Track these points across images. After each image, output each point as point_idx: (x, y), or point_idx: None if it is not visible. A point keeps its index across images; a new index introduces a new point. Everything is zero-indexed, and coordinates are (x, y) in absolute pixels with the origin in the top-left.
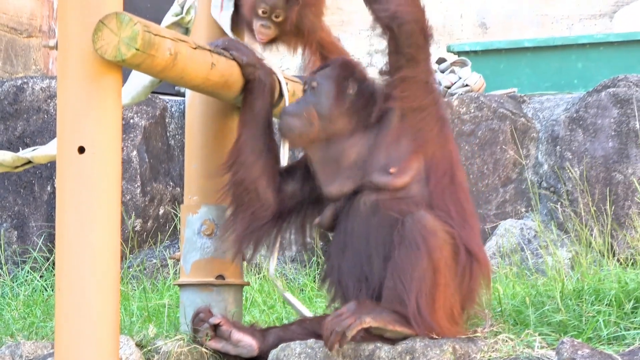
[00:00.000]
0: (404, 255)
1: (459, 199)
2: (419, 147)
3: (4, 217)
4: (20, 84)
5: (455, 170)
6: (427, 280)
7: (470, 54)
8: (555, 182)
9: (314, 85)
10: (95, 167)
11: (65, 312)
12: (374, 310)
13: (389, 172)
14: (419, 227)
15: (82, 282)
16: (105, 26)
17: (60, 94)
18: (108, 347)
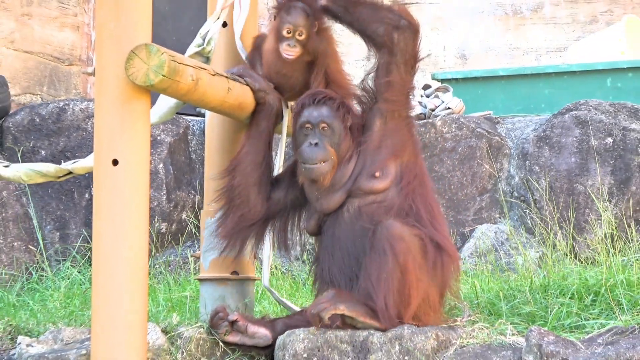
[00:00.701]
0: (374, 259)
1: (427, 201)
2: (395, 152)
3: (48, 220)
4: (63, 105)
5: (423, 175)
6: (395, 281)
7: (452, 81)
8: (525, 192)
9: (323, 127)
10: (127, 177)
11: (100, 302)
12: (350, 301)
13: (375, 176)
14: (386, 235)
15: (115, 277)
16: (136, 56)
17: (97, 114)
18: (137, 333)
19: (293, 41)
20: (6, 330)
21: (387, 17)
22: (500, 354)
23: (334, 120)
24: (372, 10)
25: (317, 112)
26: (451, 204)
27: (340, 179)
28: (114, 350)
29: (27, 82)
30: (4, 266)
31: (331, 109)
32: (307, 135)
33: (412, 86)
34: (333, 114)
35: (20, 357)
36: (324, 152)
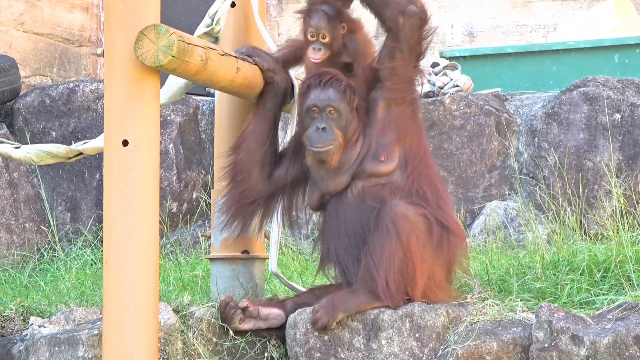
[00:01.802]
0: (377, 239)
1: (432, 182)
2: (400, 137)
3: (59, 201)
4: (73, 86)
5: (427, 156)
6: (397, 259)
7: (460, 59)
8: (534, 169)
9: (330, 110)
10: (137, 157)
11: (111, 282)
12: (346, 301)
13: (380, 160)
14: (391, 215)
15: (126, 257)
16: (145, 36)
17: (107, 95)
18: (149, 312)
19: (318, 44)
20: (18, 311)
21: (396, 1)
22: (511, 331)
23: (341, 103)
24: None
25: (323, 95)
26: (460, 181)
27: (347, 161)
28: (126, 330)
29: (37, 64)
30: (16, 247)
31: (338, 91)
32: (314, 118)
33: (417, 72)
34: (340, 96)
35: (32, 338)
36: (331, 136)
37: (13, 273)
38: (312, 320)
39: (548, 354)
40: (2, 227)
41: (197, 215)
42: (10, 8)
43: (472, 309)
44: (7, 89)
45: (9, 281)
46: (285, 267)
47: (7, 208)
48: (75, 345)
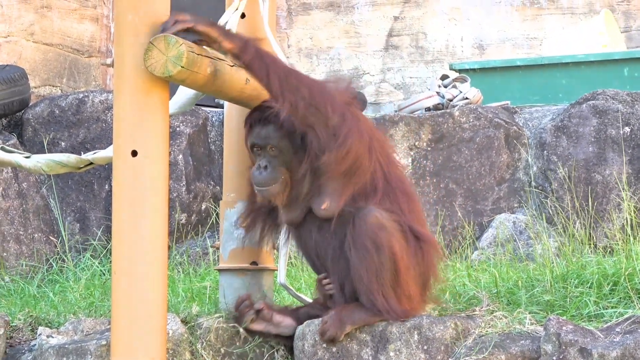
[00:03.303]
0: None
1: (395, 193)
2: (345, 183)
3: (68, 211)
4: (82, 97)
5: (386, 170)
6: (387, 274)
7: (470, 72)
8: (543, 182)
9: (271, 148)
10: (146, 168)
11: (120, 293)
12: (353, 315)
13: (322, 208)
14: (366, 228)
15: (134, 267)
16: (154, 47)
17: (116, 105)
18: (157, 323)
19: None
20: (27, 321)
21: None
22: (519, 343)
23: (281, 141)
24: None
25: (264, 132)
26: (469, 194)
27: (297, 197)
28: (134, 341)
29: (46, 74)
30: (25, 257)
31: (277, 128)
32: (258, 155)
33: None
34: (280, 133)
35: (40, 348)
36: (273, 175)
37: (22, 283)
38: (320, 331)
39: None
40: (11, 237)
41: (206, 227)
42: (20, 18)
43: (480, 321)
44: (17, 99)
45: (18, 291)
46: (294, 279)
47: (16, 218)
48: (84, 355)
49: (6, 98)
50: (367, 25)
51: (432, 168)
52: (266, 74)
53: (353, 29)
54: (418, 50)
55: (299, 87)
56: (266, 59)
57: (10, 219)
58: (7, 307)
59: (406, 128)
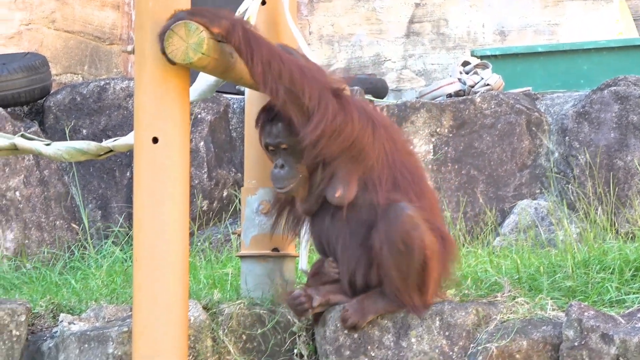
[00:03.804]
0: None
1: (404, 180)
2: (353, 169)
3: (90, 199)
4: (103, 84)
5: (393, 156)
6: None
7: (491, 58)
8: (565, 168)
9: (283, 147)
10: (167, 155)
11: (142, 280)
12: (376, 304)
13: (336, 196)
14: (401, 224)
15: (156, 254)
16: (175, 34)
17: (137, 92)
18: (178, 310)
19: None
20: (48, 308)
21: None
22: (541, 329)
23: (290, 138)
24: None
25: (274, 131)
26: (491, 180)
27: (312, 188)
28: (156, 327)
29: (68, 62)
30: (47, 245)
31: (286, 126)
32: (274, 154)
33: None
34: (289, 131)
35: (62, 335)
36: (290, 173)
37: (43, 270)
38: (342, 318)
39: (578, 352)
40: (32, 224)
41: (228, 213)
42: (41, 6)
43: (502, 307)
44: (38, 86)
45: (40, 278)
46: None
47: (37, 206)
48: (105, 342)
49: (27, 86)
50: (389, 11)
51: (454, 154)
52: (251, 58)
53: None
54: (439, 37)
55: (281, 72)
56: (252, 43)
57: (32, 206)
58: (29, 294)
59: (428, 115)
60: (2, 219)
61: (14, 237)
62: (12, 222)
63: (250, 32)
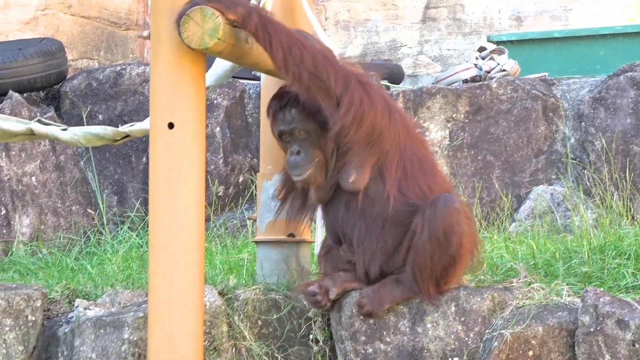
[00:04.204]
0: (429, 243)
1: (416, 168)
2: (369, 154)
3: (106, 184)
4: (119, 70)
5: (405, 142)
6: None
7: (507, 44)
8: (581, 154)
9: (299, 132)
10: (182, 140)
11: (157, 265)
12: (392, 293)
13: (350, 181)
14: (447, 217)
15: (172, 240)
16: (191, 19)
17: (153, 77)
18: (194, 295)
19: None
20: (64, 293)
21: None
22: (556, 315)
23: (306, 122)
24: None
25: (288, 117)
26: (507, 166)
27: (329, 173)
28: (171, 313)
29: (84, 47)
30: (63, 230)
31: (300, 111)
32: (288, 142)
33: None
34: (303, 115)
35: (78, 320)
36: (307, 159)
37: (59, 256)
38: (358, 304)
39: (594, 338)
40: (49, 210)
41: (244, 199)
42: None
43: (517, 293)
44: (54, 72)
45: (55, 264)
46: None
47: (54, 191)
48: (121, 327)
49: (43, 71)
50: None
51: (470, 140)
52: (269, 43)
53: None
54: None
55: (303, 58)
56: (269, 29)
57: (48, 191)
58: (45, 279)
59: (444, 100)
60: (18, 204)
61: (30, 222)
62: (28, 208)
63: (267, 18)
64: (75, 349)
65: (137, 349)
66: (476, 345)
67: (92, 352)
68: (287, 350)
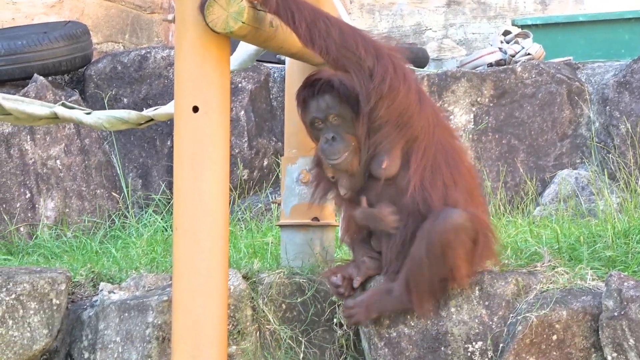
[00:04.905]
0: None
1: (442, 159)
2: (399, 138)
3: (130, 167)
4: (144, 53)
5: (434, 130)
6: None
7: (532, 27)
8: (605, 138)
9: (333, 117)
10: (207, 123)
11: (181, 248)
12: (381, 303)
13: (383, 168)
14: (444, 232)
15: (196, 223)
16: (215, 3)
17: (177, 61)
18: (218, 279)
19: None
20: (89, 277)
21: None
22: (580, 299)
23: (340, 107)
24: None
25: (322, 104)
26: (531, 150)
27: (362, 159)
28: (195, 296)
29: (109, 31)
30: (87, 213)
31: (333, 95)
32: (320, 129)
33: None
34: (337, 100)
35: (102, 304)
36: (343, 144)
37: (84, 239)
38: (346, 315)
39: (617, 322)
40: (73, 193)
41: (268, 183)
42: None
43: (542, 277)
44: (79, 55)
45: (80, 247)
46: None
47: (78, 174)
48: (145, 311)
49: (68, 54)
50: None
51: (494, 124)
52: (292, 20)
53: None
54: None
55: (329, 31)
56: (292, 5)
57: (72, 175)
58: (70, 263)
59: (468, 84)
60: (43, 187)
61: (55, 205)
62: (53, 191)
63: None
64: (100, 333)
65: (161, 332)
66: (500, 330)
67: (117, 336)
68: (310, 334)
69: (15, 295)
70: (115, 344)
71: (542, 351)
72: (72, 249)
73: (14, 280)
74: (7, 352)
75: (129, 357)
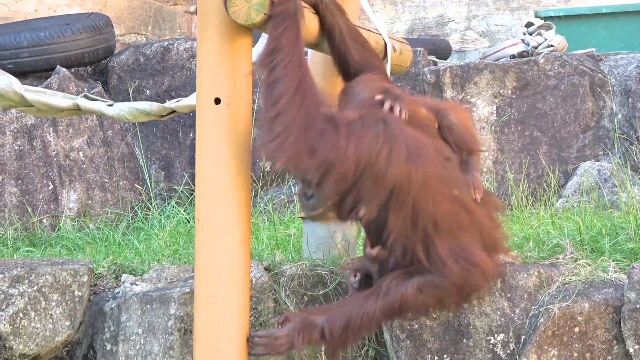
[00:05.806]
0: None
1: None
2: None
3: (153, 159)
4: (167, 45)
5: (413, 179)
6: None
7: (555, 19)
8: (628, 129)
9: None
10: (229, 115)
11: (203, 240)
12: (309, 332)
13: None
14: (405, 295)
15: (218, 215)
16: None
17: (199, 53)
18: (240, 270)
19: None
20: (111, 268)
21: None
22: (603, 291)
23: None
24: None
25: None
26: (554, 142)
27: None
28: (217, 288)
29: (131, 22)
30: (110, 205)
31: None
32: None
33: None
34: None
35: (124, 295)
36: (319, 201)
37: (106, 231)
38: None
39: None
40: (96, 185)
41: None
42: None
43: (564, 269)
44: (102, 47)
45: (102, 239)
46: None
47: (101, 166)
48: (167, 303)
49: (91, 46)
50: None
51: (517, 116)
52: None
53: None
54: None
55: None
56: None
57: (95, 166)
58: (92, 254)
59: (491, 76)
60: (66, 179)
61: (78, 197)
62: (76, 183)
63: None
64: (122, 324)
65: (183, 324)
66: (522, 322)
67: (139, 328)
68: None
69: (37, 287)
70: (137, 336)
71: (564, 343)
72: (94, 240)
73: (37, 272)
74: (29, 343)
75: (151, 349)
